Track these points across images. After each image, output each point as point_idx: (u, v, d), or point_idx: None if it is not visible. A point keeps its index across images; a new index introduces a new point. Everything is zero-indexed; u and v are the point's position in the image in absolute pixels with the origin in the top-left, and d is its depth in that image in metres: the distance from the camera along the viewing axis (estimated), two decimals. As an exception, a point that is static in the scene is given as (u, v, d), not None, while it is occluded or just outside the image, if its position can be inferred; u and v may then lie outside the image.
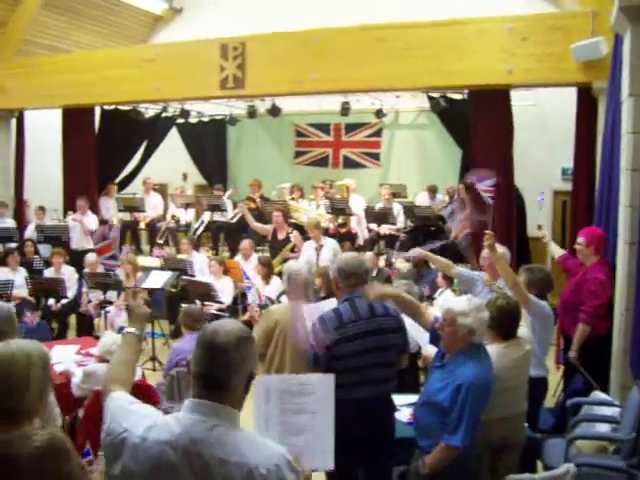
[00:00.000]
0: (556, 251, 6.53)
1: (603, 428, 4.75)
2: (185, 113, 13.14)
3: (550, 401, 5.81)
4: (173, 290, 9.29)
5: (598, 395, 5.10)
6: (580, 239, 5.82)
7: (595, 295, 5.54)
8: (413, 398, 4.28)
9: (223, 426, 1.95)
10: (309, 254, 9.20)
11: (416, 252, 6.10)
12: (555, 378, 6.11)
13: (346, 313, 3.70)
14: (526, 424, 4.28)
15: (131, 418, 2.03)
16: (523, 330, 4.18)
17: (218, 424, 1.95)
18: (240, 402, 2.05)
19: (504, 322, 3.98)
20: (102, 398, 2.23)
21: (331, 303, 4.52)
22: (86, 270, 9.24)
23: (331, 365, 3.60)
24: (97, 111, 12.46)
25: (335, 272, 3.82)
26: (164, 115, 13.18)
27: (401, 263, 9.94)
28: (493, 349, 3.81)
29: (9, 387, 2.25)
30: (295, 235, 9.88)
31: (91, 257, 9.52)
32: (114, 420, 2.05)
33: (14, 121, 12.20)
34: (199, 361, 2.02)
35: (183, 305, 6.41)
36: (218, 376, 1.98)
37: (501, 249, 5.21)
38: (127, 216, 12.35)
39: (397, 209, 10.81)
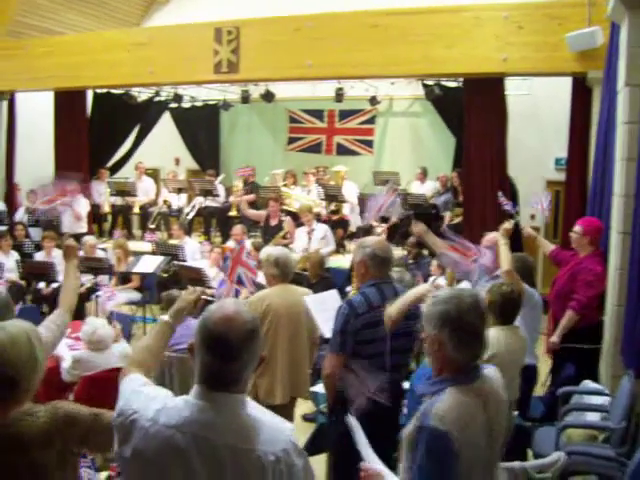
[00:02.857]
0: (546, 246, 6.50)
1: (593, 417, 4.77)
2: (178, 97, 13.10)
3: (540, 390, 5.83)
4: (164, 275, 9.25)
5: (588, 384, 5.13)
6: (577, 227, 5.79)
7: (590, 285, 5.52)
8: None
9: (231, 411, 1.94)
10: (302, 239, 9.27)
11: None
12: (545, 367, 6.13)
13: (374, 297, 3.67)
14: (516, 412, 4.30)
15: (141, 399, 2.01)
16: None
17: (226, 410, 1.94)
18: (248, 384, 2.04)
19: (506, 308, 3.99)
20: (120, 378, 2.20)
21: (334, 294, 4.51)
22: (80, 253, 9.18)
23: (356, 350, 3.60)
24: (89, 94, 12.38)
25: (367, 257, 3.73)
26: (157, 99, 13.13)
27: (394, 250, 9.93)
28: (492, 333, 3.82)
29: (18, 369, 2.23)
30: (288, 221, 9.88)
31: (89, 239, 9.43)
32: (126, 401, 2.04)
33: (5, 104, 12.09)
34: (208, 366, 1.95)
35: (163, 293, 6.35)
36: (230, 378, 1.95)
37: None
38: (119, 200, 12.30)
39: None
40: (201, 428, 1.90)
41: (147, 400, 2.00)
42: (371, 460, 2.45)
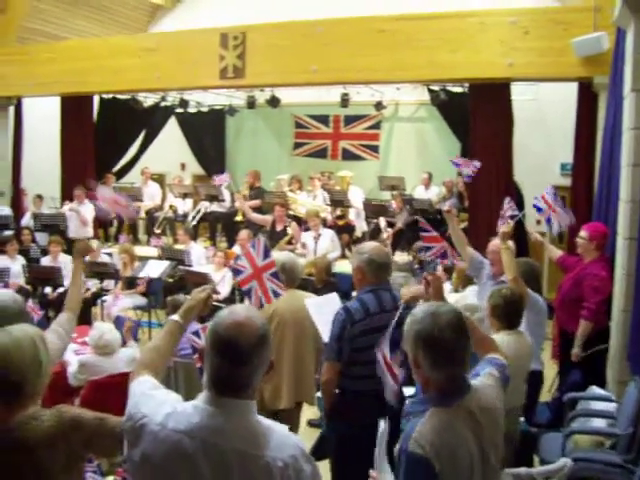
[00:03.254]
0: (553, 251, 6.51)
1: (600, 423, 4.75)
2: (184, 103, 13.15)
3: (546, 395, 5.81)
4: (170, 280, 9.27)
5: (595, 390, 5.11)
6: (583, 233, 5.77)
7: (597, 291, 5.50)
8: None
9: (241, 417, 1.94)
10: (308, 243, 9.27)
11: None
12: (551, 372, 6.11)
13: (372, 304, 3.65)
14: (522, 418, 4.28)
15: (150, 403, 2.00)
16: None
17: (236, 415, 1.94)
18: (256, 390, 2.03)
19: (509, 311, 3.99)
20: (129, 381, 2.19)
21: (334, 297, 4.49)
22: (86, 258, 9.18)
23: (353, 357, 3.59)
24: (96, 100, 12.42)
25: (364, 262, 3.70)
26: (163, 104, 13.18)
27: (399, 256, 9.94)
28: (499, 338, 3.81)
29: (23, 374, 2.24)
30: (293, 226, 9.88)
31: (94, 244, 9.44)
32: (135, 405, 2.03)
33: (12, 109, 12.15)
34: (218, 370, 1.95)
35: (168, 298, 6.36)
36: (240, 383, 1.96)
37: (508, 242, 5.17)
38: (125, 205, 12.32)
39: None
40: (210, 434, 1.89)
41: (156, 404, 2.00)
42: (381, 471, 2.43)
